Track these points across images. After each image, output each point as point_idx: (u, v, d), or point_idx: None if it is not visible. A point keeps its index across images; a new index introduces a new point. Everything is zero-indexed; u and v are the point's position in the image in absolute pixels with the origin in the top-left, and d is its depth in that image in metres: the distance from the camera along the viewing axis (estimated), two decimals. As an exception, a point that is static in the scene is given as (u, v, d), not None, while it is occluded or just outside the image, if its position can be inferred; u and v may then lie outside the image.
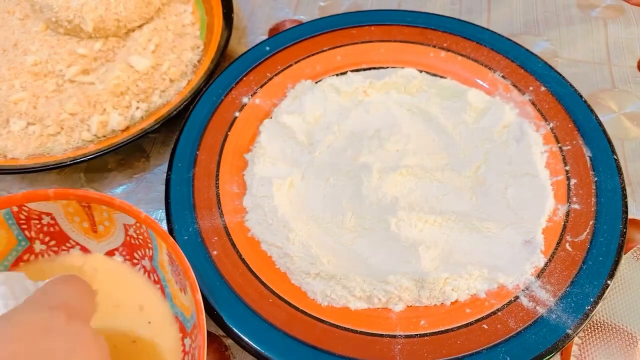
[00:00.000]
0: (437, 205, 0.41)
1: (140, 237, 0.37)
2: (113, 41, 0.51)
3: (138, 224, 0.36)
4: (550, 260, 0.37)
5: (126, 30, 0.51)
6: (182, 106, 0.46)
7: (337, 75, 0.48)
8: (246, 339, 0.34)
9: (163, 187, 0.46)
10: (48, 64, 0.49)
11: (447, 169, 0.42)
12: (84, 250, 0.40)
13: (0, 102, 0.47)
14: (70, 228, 0.39)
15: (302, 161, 0.43)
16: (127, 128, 0.47)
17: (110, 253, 0.40)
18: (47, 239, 0.39)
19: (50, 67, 0.49)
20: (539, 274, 0.36)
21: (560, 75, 0.46)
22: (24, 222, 0.38)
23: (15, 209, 0.38)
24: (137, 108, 0.47)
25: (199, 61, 0.51)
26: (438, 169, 0.42)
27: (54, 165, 0.43)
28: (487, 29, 0.50)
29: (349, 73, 0.47)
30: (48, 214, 0.38)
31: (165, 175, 0.46)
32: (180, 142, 0.44)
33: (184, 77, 0.50)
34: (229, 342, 0.38)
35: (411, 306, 0.36)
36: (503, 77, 0.47)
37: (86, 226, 0.39)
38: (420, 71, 0.48)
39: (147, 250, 0.37)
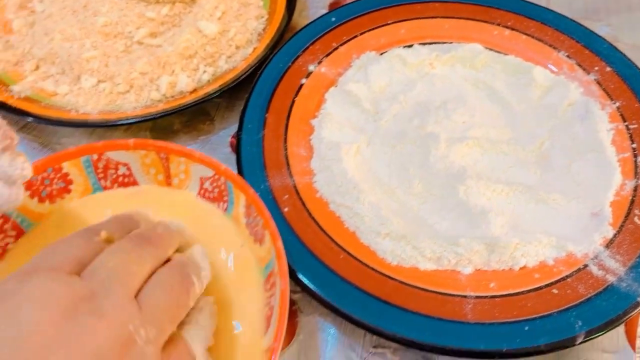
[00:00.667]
0: (503, 177, 0.41)
1: (216, 189, 0.38)
2: (180, 7, 0.52)
3: (216, 176, 0.37)
4: (619, 232, 0.37)
5: (193, -4, 0.52)
6: (249, 72, 0.47)
7: (403, 47, 0.48)
8: (319, 293, 0.35)
9: (227, 150, 0.47)
10: (118, 25, 0.50)
11: (512, 142, 0.43)
12: (157, 202, 0.41)
13: (72, 59, 0.48)
14: (144, 180, 0.40)
15: (368, 128, 0.44)
16: (195, 90, 0.48)
17: (182, 206, 0.40)
18: (120, 189, 0.40)
19: (119, 28, 0.50)
20: (608, 245, 0.37)
21: (625, 56, 0.46)
22: (101, 171, 0.39)
23: (95, 157, 0.39)
24: (205, 72, 0.48)
25: (263, 30, 0.52)
26: (503, 142, 0.43)
27: (124, 121, 0.44)
28: (552, 10, 0.50)
29: (416, 45, 0.48)
30: (125, 164, 0.39)
31: (229, 138, 0.48)
32: (249, 104, 0.45)
33: (250, 45, 0.51)
34: (296, 296, 0.39)
35: (479, 269, 0.37)
36: (568, 56, 0.47)
37: (161, 179, 0.40)
38: (485, 48, 0.48)
39: (222, 203, 0.38)
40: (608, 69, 0.46)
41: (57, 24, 0.51)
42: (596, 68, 0.46)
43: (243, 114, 0.44)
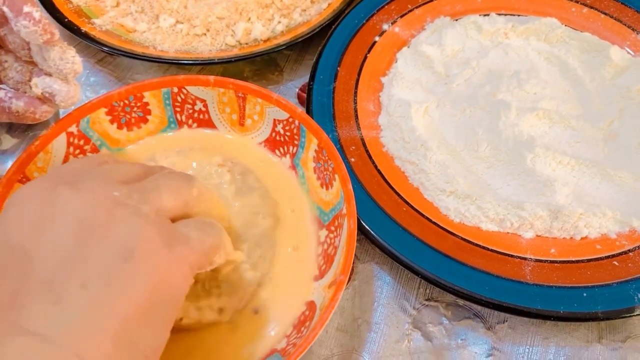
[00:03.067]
0: (570, 150, 0.41)
1: (288, 133, 0.39)
2: (259, -43, 0.53)
3: (291, 119, 0.38)
4: (685, 213, 0.37)
5: (272, -53, 0.53)
6: (322, 26, 0.48)
7: (479, 15, 0.48)
8: (381, 240, 0.36)
9: (295, 101, 0.48)
10: (198, -31, 0.51)
11: (581, 118, 0.43)
12: (227, 142, 0.42)
13: (153, -2, 0.50)
14: (219, 118, 0.41)
15: (438, 90, 0.45)
16: (268, 39, 0.49)
17: (250, 147, 0.42)
18: (194, 125, 0.42)
19: (199, -28, 0.51)
20: (673, 225, 0.37)
21: None
22: (178, 105, 0.41)
23: (175, 90, 0.40)
24: (279, 22, 0.49)
25: (338, -14, 0.52)
26: (572, 117, 0.43)
27: (201, 61, 0.46)
28: (634, -9, 0.49)
29: (493, 14, 0.48)
30: (202, 101, 0.41)
31: (297, 90, 0.49)
32: (322, 56, 0.45)
33: (324, 0, 0.51)
34: (355, 244, 0.40)
35: (540, 236, 0.38)
36: (646, 39, 0.47)
37: (235, 118, 0.41)
38: (561, 23, 0.48)
39: (291, 147, 0.40)
40: (687, 55, 0.45)
41: (139, -37, 0.52)
42: (675, 53, 0.46)
43: (316, 65, 0.45)
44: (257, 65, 0.50)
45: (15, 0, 0.29)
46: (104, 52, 0.49)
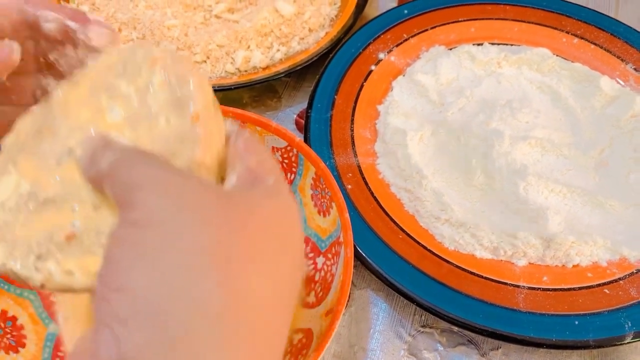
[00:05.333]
0: (562, 178, 0.42)
1: (286, 160, 0.40)
2: (258, -14, 0.54)
3: (289, 147, 0.39)
4: (674, 242, 0.38)
5: (272, -23, 0.54)
6: (320, 54, 0.49)
7: (472, 45, 0.50)
8: (377, 267, 0.37)
9: (292, 127, 0.49)
10: (199, -2, 0.53)
11: (572, 147, 0.44)
12: (226, 167, 0.43)
13: (155, 26, 0.51)
14: (218, 145, 0.42)
15: (433, 119, 0.46)
16: (267, 67, 0.50)
17: (248, 174, 0.42)
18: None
19: (200, 1, 0.53)
20: (662, 253, 0.38)
21: (693, 75, 0.47)
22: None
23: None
24: (278, 50, 0.50)
25: (335, 16, 0.54)
26: (564, 145, 0.44)
27: (201, 89, 0.47)
28: (622, 22, 0.51)
29: (486, 44, 0.49)
30: (202, 128, 0.41)
31: (294, 116, 0.50)
32: (320, 85, 0.47)
33: (322, 29, 0.53)
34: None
35: (533, 263, 0.38)
36: (635, 69, 0.48)
37: (234, 145, 0.42)
38: (553, 54, 0.49)
39: (289, 174, 0.40)
40: (675, 85, 0.47)
41: (141, -9, 0.53)
42: (663, 83, 0.47)
43: (313, 93, 0.46)
44: (256, 92, 0.51)
45: (75, 11, 0.28)
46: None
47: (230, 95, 0.51)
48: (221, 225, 0.17)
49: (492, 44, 0.50)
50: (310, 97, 0.46)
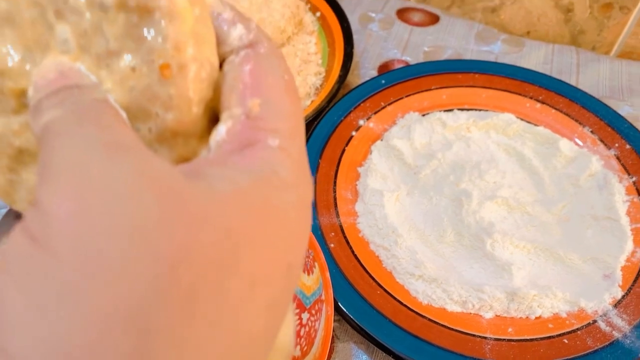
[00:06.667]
0: (527, 235, 0.46)
1: (274, 223, 0.44)
2: (250, 59, 0.60)
3: (276, 211, 0.43)
4: (627, 293, 0.42)
5: (262, 51, 0.60)
6: (306, 122, 0.54)
7: (443, 111, 0.55)
8: (358, 322, 0.40)
9: (281, 187, 0.53)
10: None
11: (536, 204, 0.48)
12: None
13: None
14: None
15: (408, 180, 0.50)
16: (258, 133, 0.54)
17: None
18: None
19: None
20: (616, 304, 0.41)
21: (644, 136, 0.52)
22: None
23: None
24: (267, 117, 0.55)
25: (320, 85, 0.59)
26: (528, 203, 0.48)
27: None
28: (579, 89, 0.56)
29: (456, 110, 0.54)
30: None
31: (283, 177, 0.54)
32: (306, 149, 0.51)
33: (308, 98, 0.58)
34: (334, 324, 0.44)
35: (499, 315, 0.42)
36: (591, 132, 0.53)
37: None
38: (517, 118, 0.54)
39: (276, 235, 0.44)
40: (627, 146, 0.51)
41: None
42: (616, 144, 0.52)
43: (299, 158, 0.50)
44: (248, 155, 0.56)
45: None
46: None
47: (224, 159, 0.55)
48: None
49: (462, 109, 0.55)
50: (297, 161, 0.50)
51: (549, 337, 0.40)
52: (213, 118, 0.17)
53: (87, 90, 0.15)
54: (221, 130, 0.16)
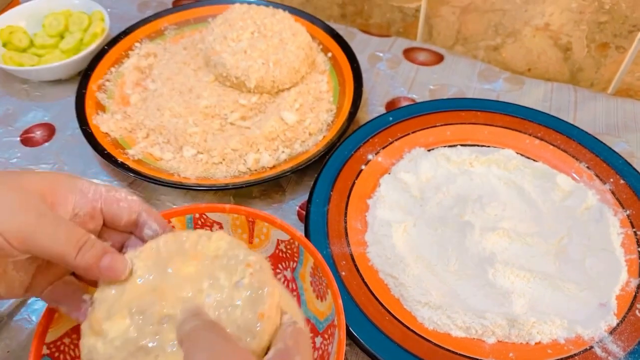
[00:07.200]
0: (526, 264, 0.49)
1: (289, 251, 0.47)
2: (266, 97, 0.64)
3: (291, 240, 0.47)
4: (621, 321, 0.44)
5: (277, 90, 0.64)
6: (319, 156, 0.57)
7: (447, 146, 0.58)
8: (367, 346, 0.43)
9: (295, 217, 0.57)
10: (216, 107, 0.62)
11: (535, 235, 0.51)
12: (237, 257, 0.50)
13: (178, 132, 0.60)
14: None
15: (415, 212, 0.53)
16: (274, 166, 0.58)
17: (257, 262, 0.50)
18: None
19: (217, 110, 0.62)
20: (612, 331, 0.44)
21: (637, 171, 0.55)
22: (199, 227, 0.49)
23: (197, 215, 0.49)
24: (283, 152, 0.59)
25: (332, 121, 0.63)
26: (528, 234, 0.51)
27: (217, 187, 0.55)
28: (576, 126, 0.60)
29: (459, 146, 0.58)
30: (219, 223, 0.49)
31: (297, 207, 0.58)
32: (318, 182, 0.55)
33: (320, 133, 0.62)
34: (346, 348, 0.47)
35: (501, 341, 0.44)
36: (587, 167, 0.56)
37: (245, 237, 0.49)
38: (517, 153, 0.58)
39: (291, 262, 0.47)
40: (622, 181, 0.54)
41: (167, 102, 0.63)
42: (611, 179, 0.55)
43: (312, 190, 0.54)
44: (264, 187, 0.59)
45: (165, 223, 0.38)
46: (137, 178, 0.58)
47: (242, 191, 0.59)
48: None
49: (465, 145, 0.59)
50: (310, 193, 0.54)
51: (548, 362, 0.42)
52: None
53: None
54: (271, 352, 0.30)
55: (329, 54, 0.71)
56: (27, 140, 0.65)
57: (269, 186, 0.60)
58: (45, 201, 0.33)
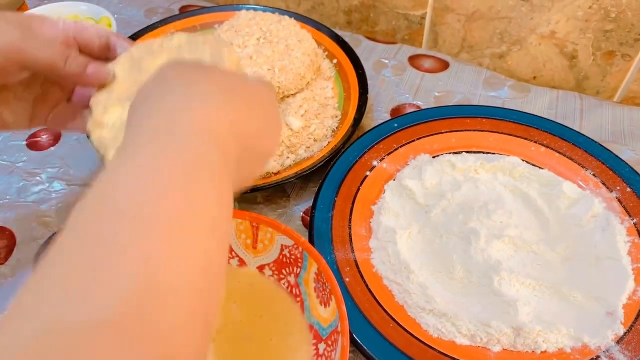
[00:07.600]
0: (532, 273, 0.49)
1: (293, 257, 0.47)
2: (271, 102, 0.64)
3: (295, 246, 0.47)
4: (629, 331, 0.44)
5: (283, 96, 0.64)
6: (323, 162, 0.57)
7: (453, 153, 0.58)
8: (371, 353, 0.43)
9: (300, 222, 0.57)
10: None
11: (541, 244, 0.51)
12: (241, 262, 0.50)
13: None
14: (236, 242, 0.50)
15: (420, 218, 0.53)
16: (279, 172, 0.58)
17: (261, 267, 0.50)
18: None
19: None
20: (619, 341, 0.43)
21: (644, 180, 0.54)
22: (203, 231, 0.49)
23: (201, 220, 0.49)
24: (288, 158, 0.59)
25: (337, 128, 0.63)
26: (534, 242, 0.51)
27: (221, 192, 0.55)
28: (582, 134, 0.59)
29: (464, 153, 0.58)
30: (223, 229, 0.49)
31: (301, 213, 0.57)
32: (323, 188, 0.55)
33: (325, 139, 0.62)
34: (349, 355, 0.47)
35: (507, 349, 0.44)
36: (594, 175, 0.56)
37: (249, 243, 0.49)
38: (523, 161, 0.57)
39: (295, 268, 0.47)
40: (629, 189, 0.54)
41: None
42: (618, 187, 0.54)
43: (317, 196, 0.54)
44: (269, 192, 0.59)
45: (128, 40, 0.45)
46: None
47: (246, 196, 0.59)
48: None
49: (471, 152, 0.59)
50: (315, 199, 0.54)
51: (554, 372, 0.42)
52: None
53: None
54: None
55: (335, 61, 0.71)
56: (33, 145, 0.65)
57: (274, 192, 0.59)
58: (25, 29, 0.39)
